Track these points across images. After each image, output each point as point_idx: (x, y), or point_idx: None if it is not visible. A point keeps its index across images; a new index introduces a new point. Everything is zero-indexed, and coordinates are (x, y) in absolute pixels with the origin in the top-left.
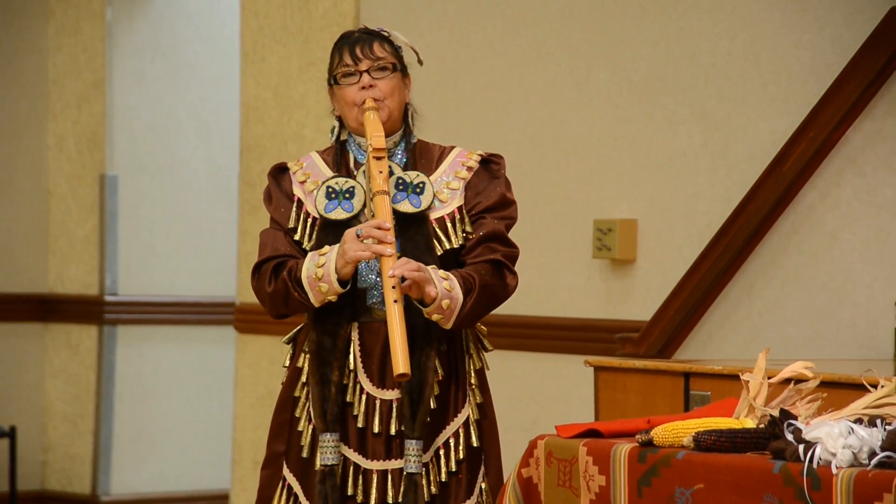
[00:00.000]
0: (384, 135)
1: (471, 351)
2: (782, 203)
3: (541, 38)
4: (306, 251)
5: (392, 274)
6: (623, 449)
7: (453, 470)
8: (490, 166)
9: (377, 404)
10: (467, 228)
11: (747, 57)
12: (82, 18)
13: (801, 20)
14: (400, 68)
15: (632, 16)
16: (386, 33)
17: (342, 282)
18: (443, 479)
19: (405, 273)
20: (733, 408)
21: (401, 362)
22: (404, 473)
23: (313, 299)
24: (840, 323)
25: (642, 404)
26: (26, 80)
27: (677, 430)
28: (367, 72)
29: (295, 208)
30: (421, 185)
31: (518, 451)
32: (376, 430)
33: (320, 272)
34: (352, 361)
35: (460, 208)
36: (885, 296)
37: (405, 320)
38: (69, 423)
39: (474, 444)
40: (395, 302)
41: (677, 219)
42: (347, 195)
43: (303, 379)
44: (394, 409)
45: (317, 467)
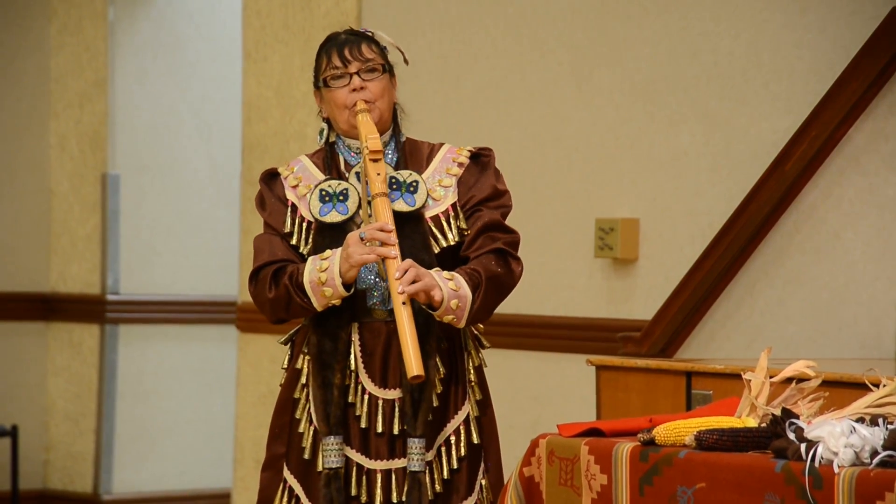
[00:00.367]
0: (379, 136)
1: (469, 348)
2: (784, 202)
3: (543, 37)
4: (303, 255)
5: (402, 291)
6: (625, 448)
7: (455, 467)
8: (480, 159)
9: (380, 404)
10: (462, 225)
11: (749, 56)
12: (84, 18)
13: (802, 19)
14: (388, 69)
15: (634, 15)
16: (370, 33)
17: (347, 285)
18: (445, 476)
19: (409, 291)
20: (735, 407)
21: (414, 364)
22: (408, 472)
23: (316, 304)
24: (842, 322)
25: (644, 403)
26: (28, 79)
27: (679, 429)
28: (356, 73)
29: (289, 213)
30: (414, 183)
31: (519, 450)
32: (379, 429)
33: (324, 276)
34: (353, 362)
35: (454, 205)
36: (888, 295)
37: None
38: (71, 422)
39: (475, 441)
40: (404, 304)
41: (679, 218)
42: (341, 197)
43: (302, 380)
44: (396, 409)
45: (318, 469)
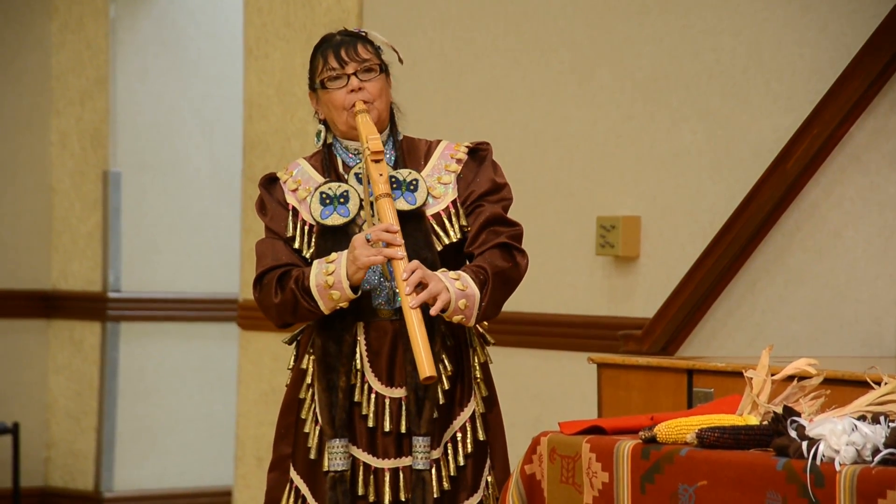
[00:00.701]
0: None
1: (474, 345)
2: (785, 200)
3: (544, 35)
4: (306, 259)
5: (412, 306)
6: (626, 446)
7: (462, 464)
8: (478, 154)
9: (386, 403)
10: (463, 222)
11: (750, 54)
12: (86, 15)
13: (804, 18)
14: (384, 68)
15: (635, 13)
16: (364, 34)
17: (354, 287)
18: (452, 474)
19: (417, 302)
20: (737, 405)
21: (426, 366)
22: (412, 470)
23: (323, 307)
24: (843, 320)
25: (645, 401)
26: (30, 77)
27: (680, 427)
28: (354, 74)
29: (291, 217)
30: (414, 182)
31: (521, 448)
32: (387, 428)
33: (331, 280)
34: (358, 361)
35: (454, 202)
36: (889, 293)
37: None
38: (72, 420)
39: (480, 438)
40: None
41: (680, 216)
42: (342, 200)
43: (307, 381)
44: (403, 407)
45: (325, 469)
